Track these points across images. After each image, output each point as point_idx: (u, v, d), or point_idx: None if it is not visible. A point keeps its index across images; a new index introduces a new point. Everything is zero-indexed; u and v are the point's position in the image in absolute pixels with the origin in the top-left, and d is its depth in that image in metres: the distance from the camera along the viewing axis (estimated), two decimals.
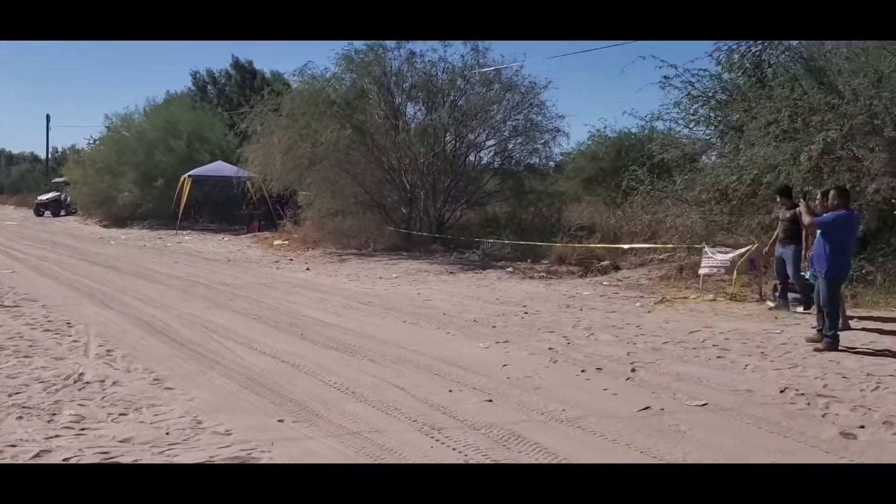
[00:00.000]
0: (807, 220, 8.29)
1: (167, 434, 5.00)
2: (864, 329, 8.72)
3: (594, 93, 61.65)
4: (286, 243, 20.45)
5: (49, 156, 59.40)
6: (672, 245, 13.36)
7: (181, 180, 25.98)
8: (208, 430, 5.09)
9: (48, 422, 5.21)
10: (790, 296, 10.11)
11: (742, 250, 11.23)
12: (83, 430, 5.06)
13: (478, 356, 7.45)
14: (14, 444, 4.71)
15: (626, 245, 14.45)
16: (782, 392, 6.10)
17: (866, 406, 5.69)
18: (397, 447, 4.78)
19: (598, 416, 5.45)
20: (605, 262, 14.66)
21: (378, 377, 6.55)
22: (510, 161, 20.73)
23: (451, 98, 19.25)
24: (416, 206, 19.52)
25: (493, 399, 5.88)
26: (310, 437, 5.01)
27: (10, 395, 5.78)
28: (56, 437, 4.90)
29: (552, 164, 22.19)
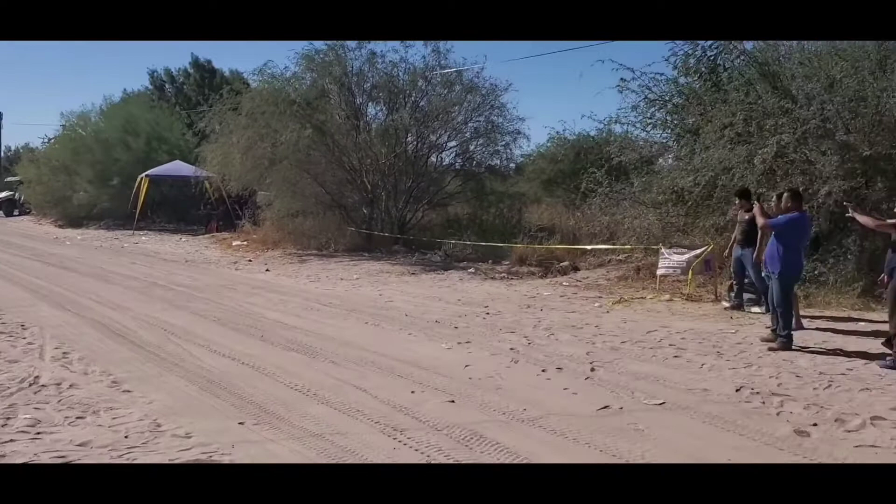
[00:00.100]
0: (761, 221, 8.46)
1: (126, 437, 4.95)
2: (816, 328, 8.93)
3: (553, 95, 62.09)
4: (245, 244, 20.26)
5: (2, 154, 58.03)
6: (630, 246, 13.54)
7: (138, 180, 25.57)
8: (168, 433, 5.05)
9: (2, 426, 5.13)
10: (745, 296, 10.31)
11: (698, 251, 11.41)
12: (39, 433, 4.99)
13: (440, 357, 7.47)
14: None
15: (587, 246, 14.61)
16: (738, 391, 6.23)
17: (819, 404, 5.84)
18: (359, 449, 4.78)
19: (558, 415, 5.51)
20: (564, 262, 14.83)
21: (340, 379, 6.55)
22: (471, 162, 20.82)
23: (413, 99, 19.25)
24: (377, 207, 19.49)
25: (456, 400, 5.92)
26: (271, 439, 5.00)
27: None
28: (11, 441, 4.83)
29: (513, 165, 22.32)
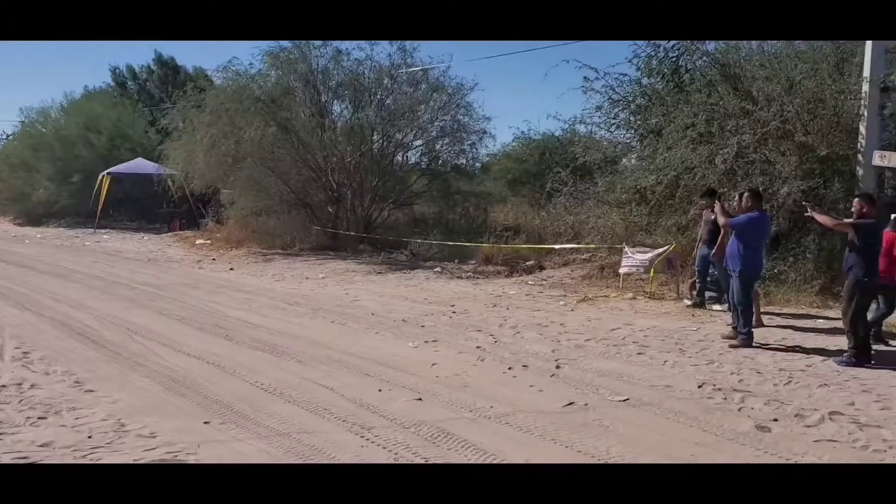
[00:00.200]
0: (721, 220, 8.62)
1: (90, 437, 4.89)
2: (776, 326, 9.12)
3: (518, 95, 62.25)
4: (209, 242, 20.07)
5: None
6: (594, 245, 13.68)
7: (100, 178, 25.19)
8: (132, 433, 5.00)
9: None
10: (707, 294, 10.47)
11: (660, 250, 11.57)
12: (0, 434, 4.91)
13: (407, 356, 7.49)
14: None
15: (553, 245, 14.71)
16: (700, 387, 6.33)
17: (779, 400, 5.97)
18: (327, 447, 4.79)
19: (524, 412, 5.57)
20: (530, 262, 14.93)
21: (306, 378, 6.53)
22: (437, 161, 20.86)
23: (379, 97, 19.18)
24: (343, 206, 19.42)
25: (423, 398, 5.94)
26: (237, 438, 4.98)
27: None
28: None
29: (479, 165, 22.45)
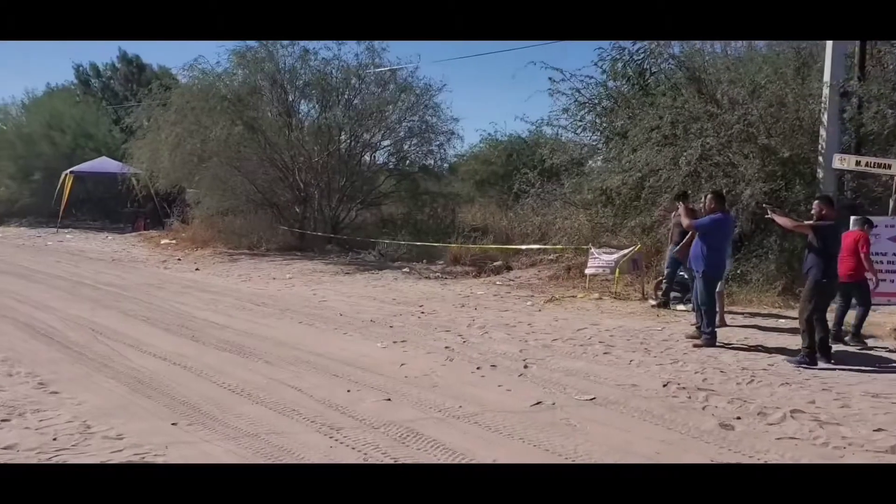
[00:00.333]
0: (685, 222, 8.75)
1: (55, 439, 4.83)
2: (739, 325, 9.28)
3: (485, 97, 62.30)
4: (174, 242, 19.88)
5: None
6: (561, 246, 13.79)
7: (62, 176, 24.82)
8: (98, 435, 4.94)
9: None
10: (671, 294, 10.61)
11: (625, 251, 11.72)
12: None
13: (376, 356, 7.50)
14: None
15: (520, 246, 14.82)
16: (665, 386, 6.43)
17: (742, 398, 6.07)
18: (296, 448, 4.78)
19: (493, 411, 5.61)
20: (497, 262, 15.02)
21: (274, 379, 6.51)
22: (405, 162, 20.88)
23: (346, 97, 19.16)
24: (310, 206, 19.35)
25: (392, 398, 5.96)
26: (205, 440, 4.95)
27: None
28: None
29: (447, 165, 22.49)
